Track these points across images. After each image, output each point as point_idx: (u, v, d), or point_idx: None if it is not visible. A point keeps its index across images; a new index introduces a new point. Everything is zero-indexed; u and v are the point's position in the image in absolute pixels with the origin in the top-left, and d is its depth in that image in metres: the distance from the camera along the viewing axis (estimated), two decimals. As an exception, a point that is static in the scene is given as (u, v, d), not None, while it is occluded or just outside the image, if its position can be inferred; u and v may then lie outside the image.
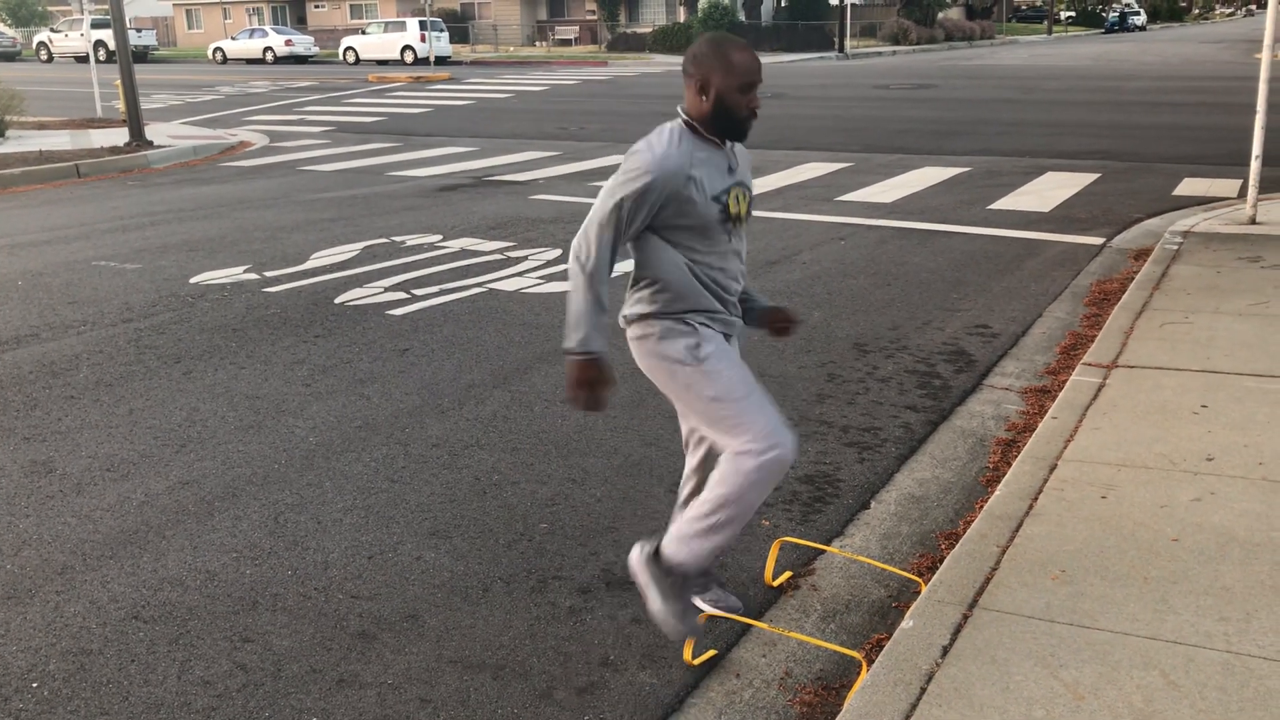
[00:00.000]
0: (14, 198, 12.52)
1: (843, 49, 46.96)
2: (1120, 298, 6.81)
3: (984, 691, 2.83)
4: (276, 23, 59.76)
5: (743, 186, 3.09)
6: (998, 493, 4.07)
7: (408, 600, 3.60)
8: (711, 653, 3.28)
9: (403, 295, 7.54)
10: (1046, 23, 72.43)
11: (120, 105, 16.91)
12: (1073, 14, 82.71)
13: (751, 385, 3.07)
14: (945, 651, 3.01)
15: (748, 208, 3.11)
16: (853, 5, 49.67)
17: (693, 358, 3.04)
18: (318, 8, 62.40)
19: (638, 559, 3.26)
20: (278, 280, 8.05)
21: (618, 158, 14.83)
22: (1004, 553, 3.56)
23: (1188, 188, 11.42)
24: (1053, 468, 4.24)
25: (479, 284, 7.84)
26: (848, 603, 3.59)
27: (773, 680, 3.17)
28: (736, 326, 3.21)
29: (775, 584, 3.69)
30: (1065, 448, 4.43)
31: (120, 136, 16.71)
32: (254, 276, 8.19)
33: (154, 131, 17.60)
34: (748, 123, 3.00)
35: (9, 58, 52.67)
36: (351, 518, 4.20)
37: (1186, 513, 3.82)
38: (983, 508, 3.99)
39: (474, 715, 3.01)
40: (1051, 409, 4.92)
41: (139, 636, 3.41)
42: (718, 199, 3.00)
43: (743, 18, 52.03)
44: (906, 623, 3.17)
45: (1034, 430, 4.76)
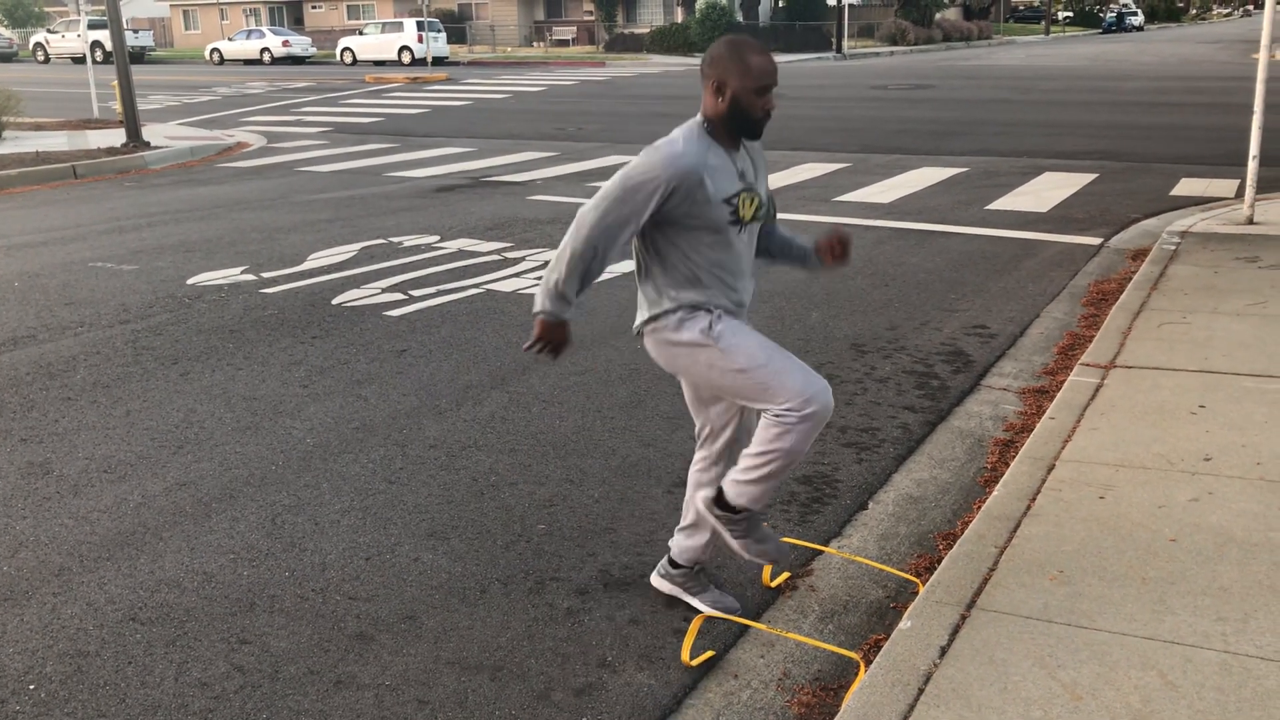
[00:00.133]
0: (11, 199, 12.50)
1: (840, 49, 46.97)
2: (1118, 298, 6.82)
3: (982, 692, 2.83)
4: (274, 23, 59.75)
5: (752, 191, 3.14)
6: (995, 493, 4.07)
7: (405, 601, 3.60)
8: (709, 654, 3.28)
9: (400, 296, 7.53)
10: (1044, 23, 72.65)
11: (117, 106, 16.91)
12: (1070, 14, 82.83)
13: (772, 349, 3.15)
14: (943, 652, 3.01)
15: (754, 212, 3.15)
16: (850, 6, 49.69)
17: (708, 337, 3.13)
18: (315, 8, 62.39)
19: (704, 500, 3.34)
20: (275, 281, 8.05)
21: (616, 158, 14.84)
22: (1002, 553, 3.56)
23: (1185, 188, 11.42)
24: (1051, 468, 4.24)
25: (476, 285, 7.84)
26: (846, 603, 3.59)
27: (771, 681, 3.17)
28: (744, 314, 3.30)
29: (773, 585, 3.69)
30: (1063, 448, 4.43)
31: (117, 137, 16.69)
32: (251, 277, 8.18)
33: (151, 132, 17.59)
34: (762, 124, 3.10)
35: (6, 59, 52.70)
36: (349, 519, 4.20)
37: (1184, 513, 3.82)
38: (980, 508, 3.99)
39: (472, 716, 3.01)
40: (1049, 409, 4.92)
41: (136, 638, 3.40)
42: (728, 201, 3.07)
43: (740, 18, 52.03)
44: (904, 623, 3.17)
45: (1032, 431, 4.76)
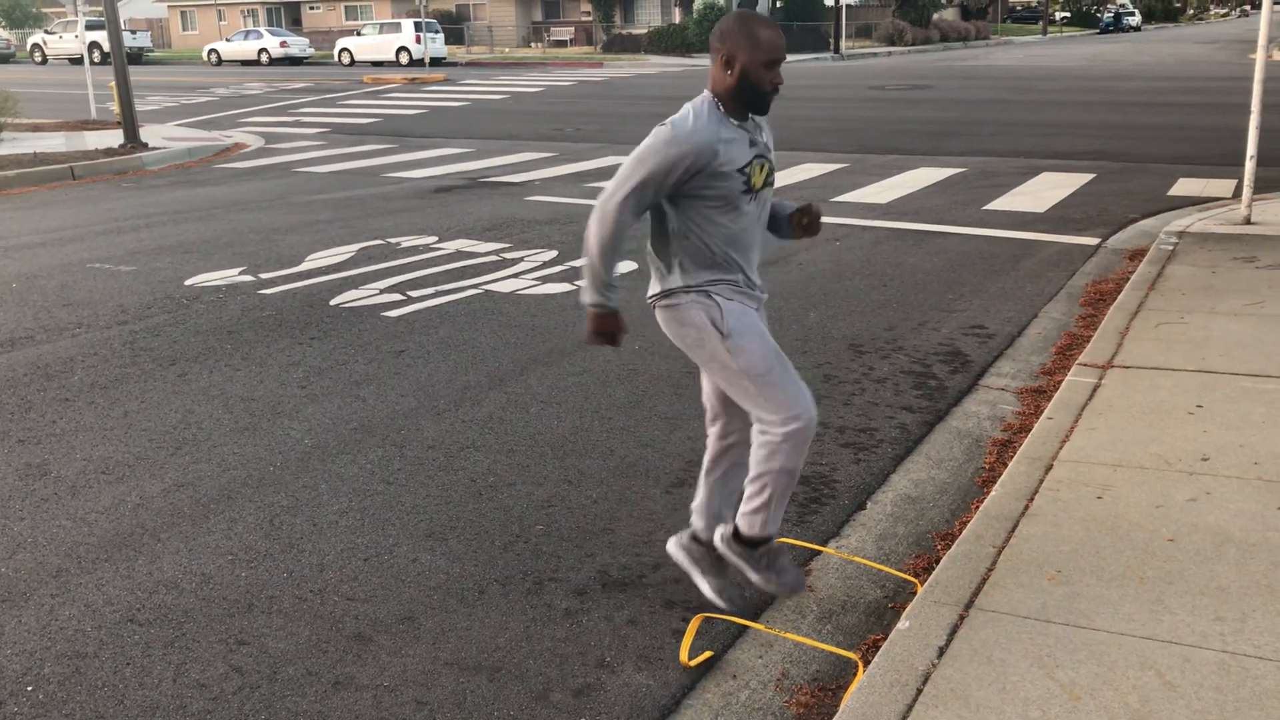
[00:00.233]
0: (8, 200, 12.49)
1: (838, 50, 46.97)
2: (1116, 298, 6.82)
3: (980, 692, 2.83)
4: (271, 24, 59.68)
5: (763, 158, 3.19)
6: (993, 493, 4.07)
7: (404, 602, 3.60)
8: (708, 654, 3.28)
9: (398, 297, 7.53)
10: (1041, 23, 72.65)
11: (115, 107, 16.91)
12: (1068, 14, 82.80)
13: (773, 359, 3.20)
14: (941, 652, 3.01)
15: (766, 177, 3.20)
16: (848, 6, 49.59)
17: (719, 330, 3.18)
18: (313, 9, 62.36)
19: (721, 539, 3.45)
20: (273, 282, 8.04)
21: (614, 159, 14.83)
22: (1000, 553, 3.56)
23: (1183, 188, 11.43)
24: (1048, 468, 4.24)
25: (475, 285, 7.83)
26: (844, 604, 3.59)
27: (769, 681, 3.17)
28: (763, 299, 3.33)
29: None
30: (1061, 448, 4.44)
31: (115, 138, 16.68)
32: (249, 278, 8.18)
33: (149, 133, 17.58)
34: (770, 97, 3.13)
35: (3, 59, 52.72)
36: (347, 520, 4.20)
37: (1182, 513, 3.83)
38: (979, 508, 3.99)
39: (470, 717, 3.01)
40: (1047, 409, 4.92)
41: (134, 639, 3.40)
42: (742, 170, 3.12)
43: (738, 19, 51.97)
44: (903, 623, 3.17)
45: (1030, 431, 4.76)
